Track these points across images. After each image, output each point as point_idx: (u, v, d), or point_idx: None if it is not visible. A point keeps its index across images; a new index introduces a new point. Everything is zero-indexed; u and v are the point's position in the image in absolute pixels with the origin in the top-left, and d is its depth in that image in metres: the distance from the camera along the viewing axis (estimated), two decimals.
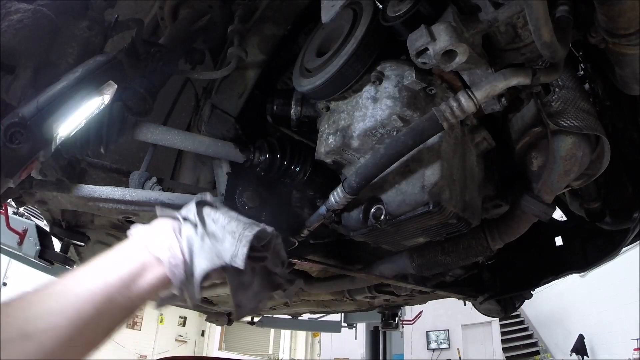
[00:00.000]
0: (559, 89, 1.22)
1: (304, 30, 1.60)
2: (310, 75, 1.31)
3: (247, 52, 1.46)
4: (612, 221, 1.75)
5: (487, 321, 11.95)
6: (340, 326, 6.58)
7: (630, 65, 1.08)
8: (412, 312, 10.38)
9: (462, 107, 1.01)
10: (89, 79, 1.02)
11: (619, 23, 0.94)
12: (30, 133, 0.90)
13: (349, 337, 8.62)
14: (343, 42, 1.24)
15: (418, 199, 1.16)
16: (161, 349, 13.64)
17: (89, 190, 1.28)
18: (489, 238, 1.44)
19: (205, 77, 1.53)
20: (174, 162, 1.86)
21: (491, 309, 2.61)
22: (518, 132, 1.34)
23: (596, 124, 1.20)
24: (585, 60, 1.45)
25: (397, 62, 1.23)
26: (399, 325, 5.39)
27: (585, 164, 1.27)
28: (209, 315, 3.84)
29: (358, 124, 1.22)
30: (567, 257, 2.04)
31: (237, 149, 1.47)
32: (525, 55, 1.12)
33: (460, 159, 1.27)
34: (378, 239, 1.40)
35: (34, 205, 1.37)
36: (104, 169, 1.66)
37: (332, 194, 1.26)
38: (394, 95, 1.18)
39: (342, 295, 2.62)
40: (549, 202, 1.30)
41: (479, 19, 1.04)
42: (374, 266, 1.84)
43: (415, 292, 2.55)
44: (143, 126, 1.37)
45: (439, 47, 0.95)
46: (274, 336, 17.88)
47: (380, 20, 1.16)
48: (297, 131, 1.58)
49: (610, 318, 9.58)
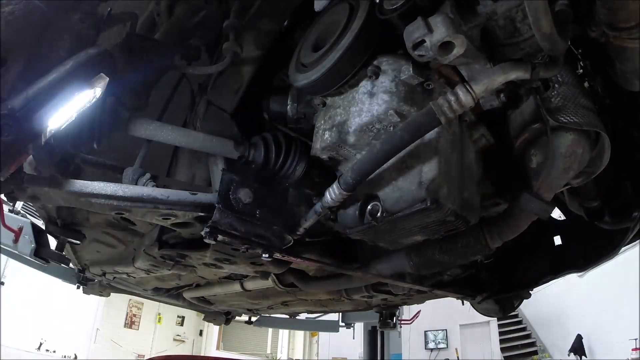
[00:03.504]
0: (559, 85, 1.21)
1: (300, 26, 1.58)
2: (306, 70, 1.30)
3: (243, 47, 1.45)
4: (612, 220, 1.73)
5: (485, 321, 11.93)
6: (338, 326, 6.56)
7: (630, 60, 1.06)
8: (410, 312, 10.38)
9: (460, 102, 1.00)
10: (80, 71, 1.00)
11: (620, 16, 0.93)
12: (19, 125, 0.89)
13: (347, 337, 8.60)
14: (339, 36, 1.22)
15: (415, 196, 1.14)
16: (159, 348, 13.61)
17: (81, 186, 1.26)
18: (488, 236, 1.42)
19: (200, 72, 1.51)
20: (170, 159, 1.85)
21: (489, 309, 2.60)
22: (517, 129, 1.33)
23: (596, 120, 1.18)
24: (585, 57, 1.43)
25: (394, 56, 1.21)
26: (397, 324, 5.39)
27: (585, 161, 1.25)
28: (206, 314, 3.83)
29: (354, 120, 1.21)
30: (566, 257, 2.03)
31: (232, 145, 1.45)
32: (524, 50, 1.11)
33: (458, 156, 1.26)
34: (375, 237, 1.39)
35: (26, 200, 1.35)
36: (98, 166, 1.65)
37: (328, 191, 1.24)
38: (390, 90, 1.16)
39: (340, 294, 2.60)
40: (548, 200, 1.29)
41: (477, 12, 1.02)
42: (371, 265, 1.82)
43: (413, 292, 2.53)
44: (137, 121, 1.36)
45: (436, 38, 0.93)
46: (272, 336, 17.88)
47: (376, 14, 1.14)
48: (294, 128, 1.57)
49: (608, 318, 9.57)
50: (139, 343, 13.38)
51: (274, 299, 2.99)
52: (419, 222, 1.22)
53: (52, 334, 10.48)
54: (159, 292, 3.07)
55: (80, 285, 3.08)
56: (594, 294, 9.94)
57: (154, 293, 3.10)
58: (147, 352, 12.97)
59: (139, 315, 13.73)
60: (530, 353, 12.35)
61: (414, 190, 1.15)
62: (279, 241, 1.44)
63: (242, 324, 6.39)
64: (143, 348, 13.33)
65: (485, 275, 2.35)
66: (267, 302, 3.14)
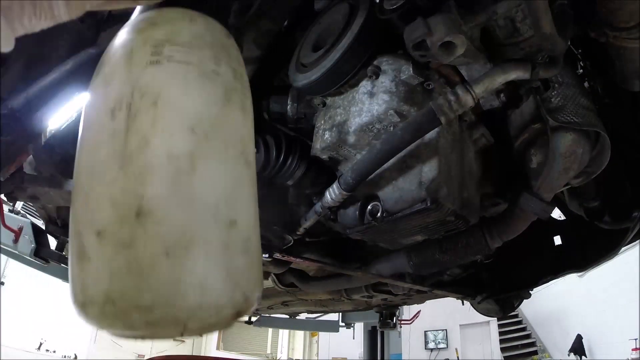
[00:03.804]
0: (559, 85, 1.21)
1: (300, 26, 1.58)
2: (306, 70, 1.30)
3: (243, 47, 1.44)
4: (611, 220, 1.73)
5: (485, 321, 11.94)
6: (338, 326, 6.55)
7: (630, 60, 1.06)
8: (410, 312, 10.37)
9: (460, 101, 1.00)
10: (80, 71, 1.00)
11: (620, 16, 0.93)
12: (19, 125, 0.89)
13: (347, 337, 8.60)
14: (339, 36, 1.22)
15: (415, 196, 1.15)
16: (159, 348, 13.60)
17: None
18: (488, 236, 1.42)
19: None
20: None
21: (489, 309, 2.60)
22: (517, 129, 1.33)
23: (596, 121, 1.18)
24: (585, 57, 1.43)
25: (394, 56, 1.21)
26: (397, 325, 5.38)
27: (585, 161, 1.25)
28: None
29: (354, 119, 1.21)
30: (566, 257, 2.03)
31: None
32: (524, 50, 1.11)
33: (458, 156, 1.26)
34: (375, 237, 1.39)
35: (26, 200, 1.35)
36: None
37: (328, 191, 1.24)
38: (390, 90, 1.16)
39: (340, 294, 2.61)
40: (548, 200, 1.29)
41: (477, 12, 1.02)
42: (371, 265, 1.82)
43: (413, 292, 2.53)
44: None
45: (436, 38, 0.93)
46: (272, 336, 17.86)
47: (376, 14, 1.14)
48: (294, 128, 1.57)
49: (608, 318, 9.57)
50: (139, 343, 13.38)
51: (274, 299, 2.99)
52: (419, 222, 1.22)
53: (52, 334, 10.48)
54: None
55: None
56: (594, 294, 9.94)
57: None
58: (147, 352, 12.96)
59: None
60: (530, 353, 12.35)
61: (414, 190, 1.15)
62: (279, 241, 1.44)
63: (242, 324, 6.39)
64: (143, 348, 13.33)
65: (485, 275, 2.35)
66: (267, 302, 3.14)
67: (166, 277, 0.40)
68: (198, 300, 0.41)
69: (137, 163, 0.42)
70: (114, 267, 0.40)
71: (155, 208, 0.41)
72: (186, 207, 0.42)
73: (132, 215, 0.40)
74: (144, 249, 0.40)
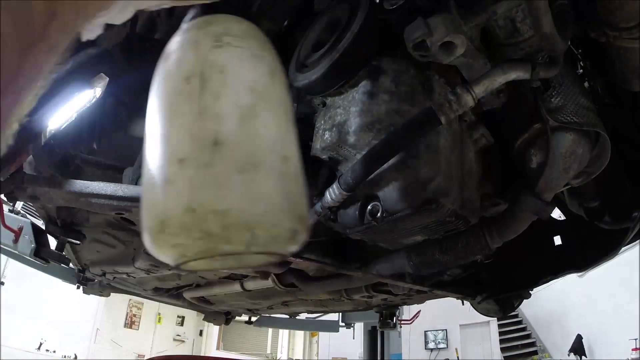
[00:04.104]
0: (559, 85, 1.21)
1: (300, 26, 1.58)
2: (306, 70, 1.30)
3: None
4: (611, 220, 1.73)
5: (485, 321, 11.93)
6: (338, 326, 6.55)
7: (630, 60, 1.06)
8: (410, 312, 10.37)
9: (460, 101, 1.00)
10: (80, 71, 1.00)
11: (620, 16, 0.93)
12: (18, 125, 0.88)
13: (347, 337, 8.60)
14: (339, 36, 1.22)
15: (415, 196, 1.15)
16: (159, 348, 13.60)
17: (81, 186, 1.26)
18: (488, 236, 1.42)
19: None
20: None
21: (489, 309, 2.60)
22: (517, 129, 1.33)
23: (596, 120, 1.18)
24: (585, 57, 1.43)
25: (394, 56, 1.21)
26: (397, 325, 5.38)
27: (585, 161, 1.25)
28: (206, 314, 3.83)
29: (354, 119, 1.21)
30: (566, 257, 2.03)
31: None
32: (524, 50, 1.11)
33: (458, 156, 1.26)
34: (375, 237, 1.39)
35: (25, 200, 1.35)
36: (98, 166, 1.65)
37: (327, 191, 1.24)
38: (391, 90, 1.16)
39: (340, 294, 2.60)
40: (548, 200, 1.29)
41: (477, 12, 1.02)
42: (371, 265, 1.82)
43: (413, 292, 2.53)
44: (137, 121, 1.35)
45: (436, 38, 0.93)
46: (272, 336, 17.86)
47: (376, 14, 1.14)
48: None
49: (608, 318, 9.57)
50: (139, 343, 13.38)
51: (274, 299, 2.99)
52: (419, 222, 1.22)
53: (52, 334, 10.48)
54: (159, 292, 3.07)
55: (80, 285, 3.08)
56: (594, 294, 9.93)
57: (154, 293, 3.10)
58: (147, 352, 12.96)
59: (139, 316, 13.72)
60: (530, 353, 12.34)
61: (414, 190, 1.15)
62: None
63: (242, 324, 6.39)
64: (143, 348, 13.33)
65: (485, 275, 2.35)
66: (267, 302, 3.14)
67: (239, 188, 0.49)
68: (264, 208, 0.50)
69: (211, 111, 0.52)
70: (195, 183, 0.49)
71: (229, 139, 0.51)
72: (252, 140, 0.52)
73: (209, 145, 0.50)
74: (220, 168, 0.49)
